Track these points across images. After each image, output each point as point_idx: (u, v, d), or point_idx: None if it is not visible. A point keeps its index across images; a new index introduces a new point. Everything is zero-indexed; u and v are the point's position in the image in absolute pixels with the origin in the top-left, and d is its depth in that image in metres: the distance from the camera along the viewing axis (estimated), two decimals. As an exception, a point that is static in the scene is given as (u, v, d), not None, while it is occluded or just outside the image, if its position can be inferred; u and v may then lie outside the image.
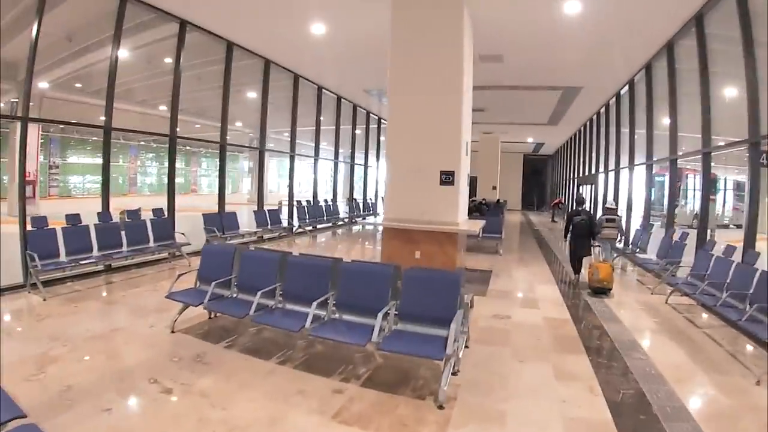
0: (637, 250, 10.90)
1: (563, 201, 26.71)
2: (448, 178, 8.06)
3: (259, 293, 5.13)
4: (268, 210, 13.80)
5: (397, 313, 4.76)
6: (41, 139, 27.04)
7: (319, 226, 16.90)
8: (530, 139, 28.83)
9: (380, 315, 4.39)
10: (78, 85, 15.91)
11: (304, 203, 16.10)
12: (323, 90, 16.66)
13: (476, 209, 16.63)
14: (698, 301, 7.03)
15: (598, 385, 4.46)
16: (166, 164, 10.79)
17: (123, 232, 8.87)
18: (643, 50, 10.75)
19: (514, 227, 21.51)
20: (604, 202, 15.53)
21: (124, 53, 11.94)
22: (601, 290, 8.22)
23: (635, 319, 6.94)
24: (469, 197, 18.41)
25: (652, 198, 12.75)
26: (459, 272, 4.71)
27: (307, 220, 15.76)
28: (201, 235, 11.03)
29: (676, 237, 9.38)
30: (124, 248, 8.80)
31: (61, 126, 25.01)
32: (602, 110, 17.35)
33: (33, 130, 19.44)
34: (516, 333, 6.01)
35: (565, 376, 4.65)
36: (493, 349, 5.34)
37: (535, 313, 7.02)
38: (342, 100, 18.22)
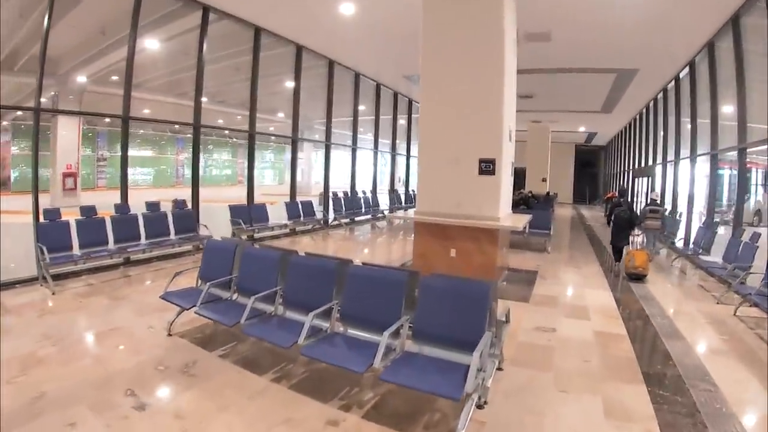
0: (700, 251, 9.67)
1: (615, 193, 24.93)
2: (488, 167, 7.23)
3: (252, 298, 4.52)
4: (301, 201, 13.29)
5: (412, 329, 3.98)
6: (89, 133, 28.08)
7: (357, 219, 16.29)
8: (582, 129, 27.16)
9: (386, 334, 3.62)
10: (115, 78, 15.92)
11: (341, 195, 15.52)
12: (361, 77, 15.92)
13: (523, 202, 15.57)
14: (774, 315, 5.94)
15: (658, 428, 3.56)
16: (214, 156, 10.62)
17: (142, 225, 8.55)
18: (704, 26, 9.51)
19: (565, 222, 20.26)
20: (661, 192, 14.47)
21: (155, 44, 11.81)
22: (637, 276, 8.62)
23: (700, 335, 5.91)
24: (516, 189, 17.45)
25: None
26: (489, 283, 3.84)
27: (344, 212, 15.13)
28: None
29: (745, 237, 8.17)
30: (143, 241, 8.46)
31: (107, 120, 25.49)
32: (660, 96, 15.87)
33: (73, 123, 19.98)
34: (561, 352, 5.10)
35: (618, 414, 3.76)
36: (531, 374, 4.47)
37: (585, 325, 6.04)
38: (381, 87, 17.43)
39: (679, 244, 11.46)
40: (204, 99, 9.96)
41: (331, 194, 14.92)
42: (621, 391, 4.17)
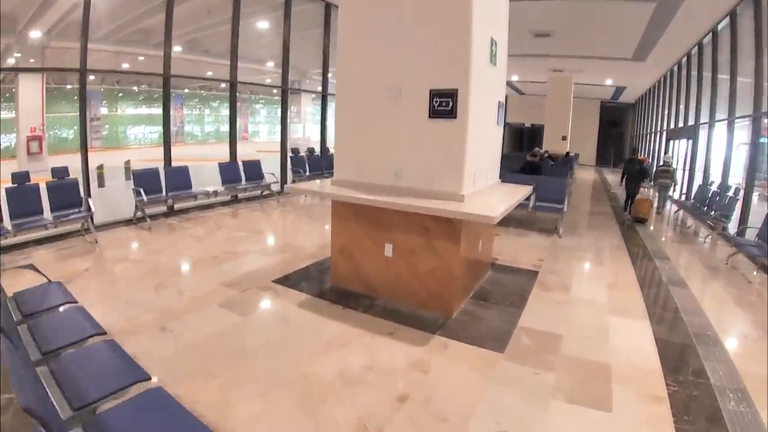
0: (756, 239, 6.78)
1: (648, 159, 21.22)
2: (444, 104, 4.19)
3: None
4: (243, 162, 10.36)
5: None
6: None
7: (326, 181, 13.30)
8: (609, 81, 23.29)
9: None
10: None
11: (304, 153, 12.54)
12: (333, 7, 12.49)
13: (532, 168, 11.39)
14: None
15: None
16: (222, 111, 8.67)
17: (6, 205, 6.20)
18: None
19: (585, 188, 17.16)
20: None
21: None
22: (639, 220, 10.34)
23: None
24: (534, 147, 14.08)
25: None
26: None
27: (306, 174, 12.11)
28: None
29: None
30: (6, 223, 6.08)
31: (92, 77, 23.74)
32: (707, 39, 12.45)
33: (35, 82, 18.03)
34: None
35: None
36: None
37: (600, 427, 3.07)
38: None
39: (734, 231, 8.33)
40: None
41: (289, 152, 11.97)
42: None
